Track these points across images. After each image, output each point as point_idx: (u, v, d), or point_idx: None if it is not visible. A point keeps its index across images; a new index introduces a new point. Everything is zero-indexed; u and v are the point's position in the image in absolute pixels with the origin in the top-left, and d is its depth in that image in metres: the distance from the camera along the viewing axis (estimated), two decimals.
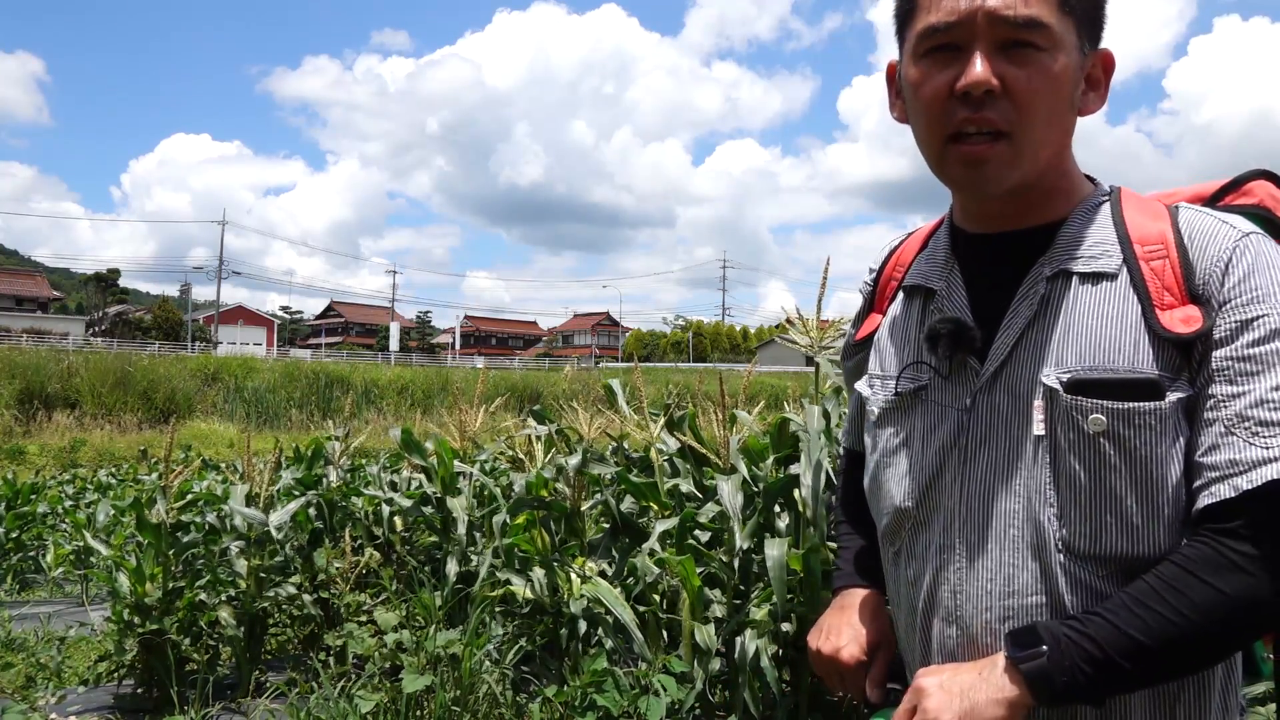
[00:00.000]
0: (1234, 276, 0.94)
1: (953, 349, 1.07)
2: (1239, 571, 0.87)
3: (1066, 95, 0.99)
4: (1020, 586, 1.00)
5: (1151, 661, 0.89)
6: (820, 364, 2.95)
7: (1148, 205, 1.04)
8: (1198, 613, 0.87)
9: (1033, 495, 0.99)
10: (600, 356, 69.77)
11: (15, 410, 25.71)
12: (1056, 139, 1.02)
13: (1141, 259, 0.98)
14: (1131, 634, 0.88)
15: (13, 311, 58.87)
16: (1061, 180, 1.06)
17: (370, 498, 5.04)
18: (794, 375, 38.18)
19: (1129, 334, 0.97)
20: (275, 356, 48.39)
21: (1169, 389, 0.95)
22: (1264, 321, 0.92)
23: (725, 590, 3.17)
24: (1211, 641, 0.89)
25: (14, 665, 4.46)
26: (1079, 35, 0.99)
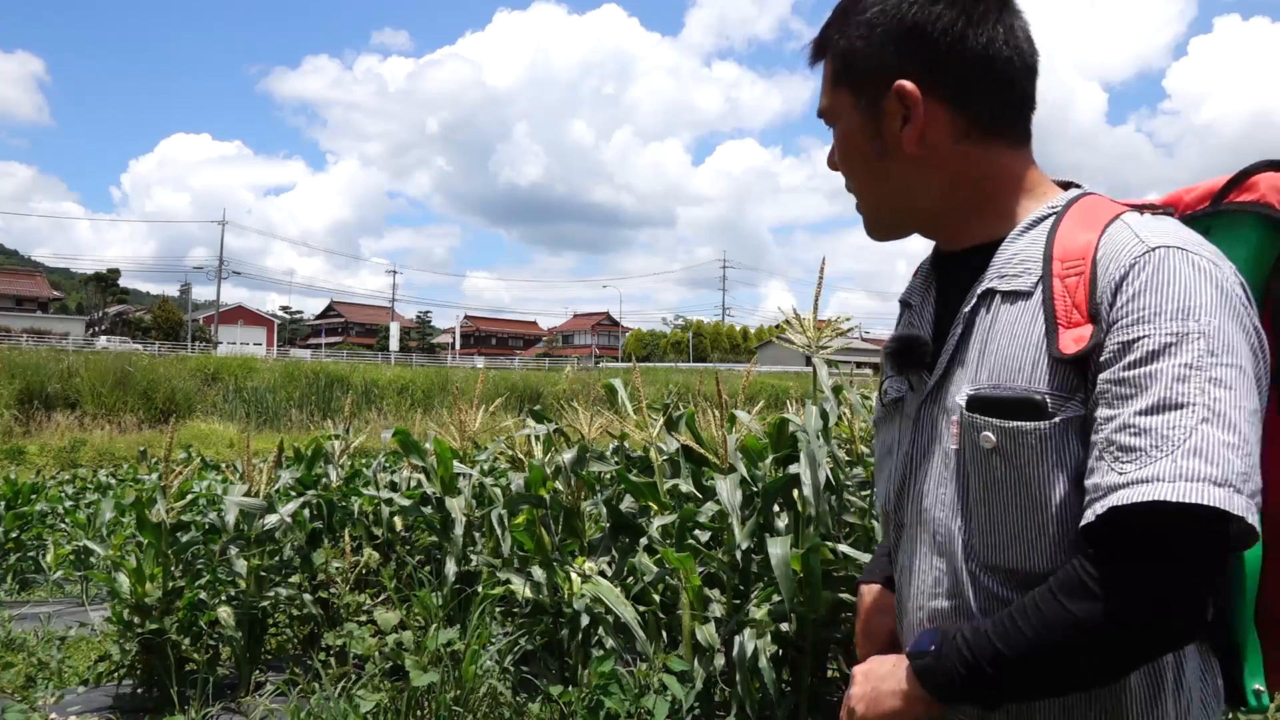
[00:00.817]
0: (1124, 295, 0.92)
1: (898, 365, 1.14)
2: (1086, 596, 0.87)
3: (859, 152, 1.10)
4: (941, 590, 1.05)
5: (1012, 672, 0.91)
6: (817, 364, 2.95)
7: (1092, 217, 1.01)
8: (1049, 631, 0.89)
9: (950, 505, 1.04)
10: (600, 356, 69.79)
11: (15, 410, 25.73)
12: (886, 185, 1.10)
13: (1057, 276, 0.97)
14: (996, 644, 0.92)
15: (13, 311, 58.90)
16: (984, 203, 1.07)
17: (370, 498, 5.04)
18: (794, 375, 38.19)
19: (1030, 352, 0.97)
20: (275, 356, 48.41)
21: (1058, 410, 0.94)
22: (1142, 343, 0.89)
23: (725, 589, 3.17)
24: (1063, 662, 0.89)
25: (14, 665, 4.47)
26: (854, 97, 1.08)
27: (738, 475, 3.13)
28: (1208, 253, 0.94)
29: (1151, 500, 0.84)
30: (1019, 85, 1.05)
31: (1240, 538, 0.87)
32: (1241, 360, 0.89)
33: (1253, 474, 0.86)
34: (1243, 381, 0.88)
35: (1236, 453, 0.85)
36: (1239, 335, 0.90)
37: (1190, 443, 0.85)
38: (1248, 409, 0.87)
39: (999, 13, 1.04)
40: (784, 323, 2.92)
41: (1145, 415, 0.87)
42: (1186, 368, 0.87)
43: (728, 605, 3.13)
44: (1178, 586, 0.85)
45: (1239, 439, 0.85)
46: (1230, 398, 0.86)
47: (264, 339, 68.64)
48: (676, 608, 3.26)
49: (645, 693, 2.88)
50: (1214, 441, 0.84)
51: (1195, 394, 0.86)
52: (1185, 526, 0.84)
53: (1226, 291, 0.91)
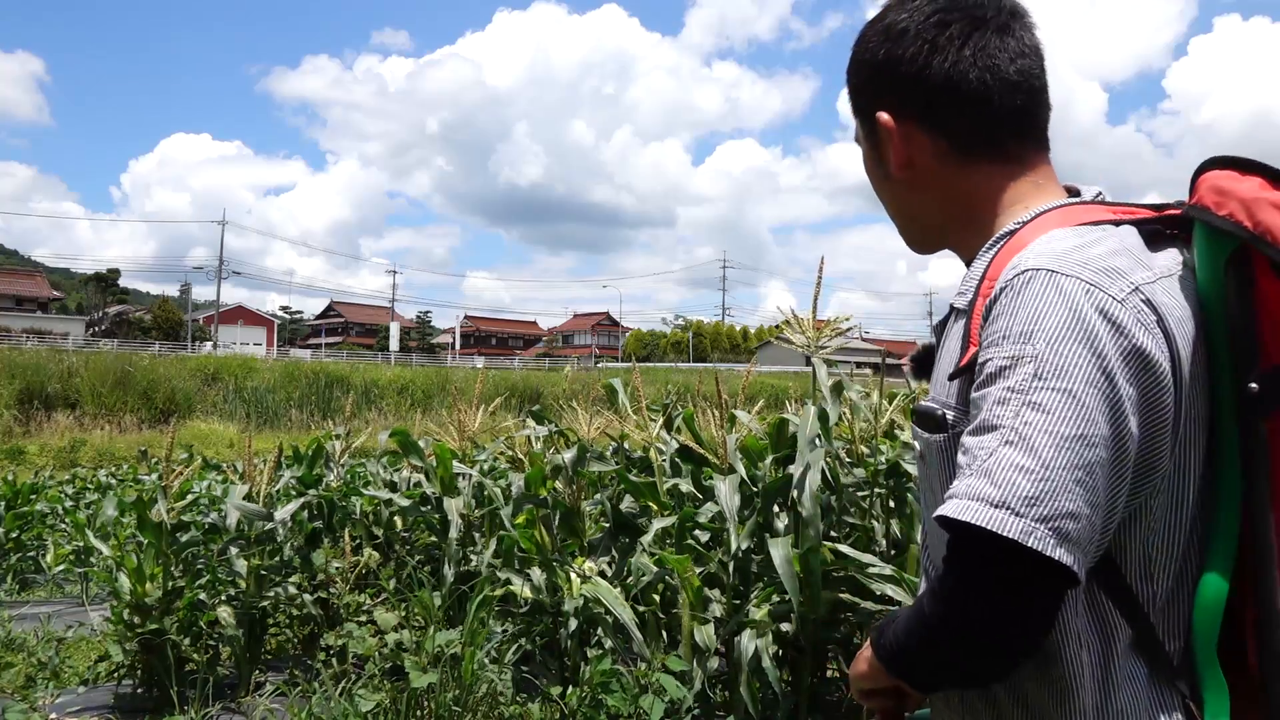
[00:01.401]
0: (990, 316, 0.94)
1: (915, 374, 1.20)
2: (933, 597, 0.93)
3: (872, 175, 1.19)
4: (921, 586, 1.14)
5: (908, 655, 0.98)
6: (817, 364, 2.95)
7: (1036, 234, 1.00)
8: (918, 624, 0.96)
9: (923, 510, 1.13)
10: (600, 356, 69.78)
11: (15, 410, 25.73)
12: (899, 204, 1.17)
13: (982, 295, 0.99)
14: (898, 628, 1.00)
15: (13, 311, 58.87)
16: (967, 223, 1.12)
17: (370, 498, 5.04)
18: (794, 375, 38.18)
19: (950, 368, 1.02)
20: (275, 356, 48.41)
21: (958, 423, 0.98)
22: (986, 366, 0.92)
23: (725, 590, 3.17)
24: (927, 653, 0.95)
25: (14, 665, 4.47)
26: (860, 126, 1.17)
27: (737, 477, 3.13)
28: (1089, 274, 0.92)
29: (940, 515, 0.88)
30: (996, 103, 1.06)
31: (1049, 569, 0.84)
32: (1073, 385, 0.87)
33: (1049, 499, 0.84)
34: (1066, 406, 0.86)
35: (1028, 476, 0.84)
36: (1082, 359, 0.88)
37: (985, 464, 0.87)
38: (1062, 434, 0.86)
39: (968, 36, 1.06)
40: (784, 323, 2.92)
41: (970, 435, 0.91)
42: (1009, 391, 0.88)
43: (727, 606, 3.13)
44: (980, 602, 0.88)
45: (1036, 463, 0.85)
46: (1042, 421, 0.86)
47: (264, 339, 68.62)
48: (676, 608, 3.26)
49: (644, 693, 2.88)
50: (1006, 464, 0.86)
51: (1008, 417, 0.87)
52: (970, 546, 0.87)
53: (1081, 314, 0.89)
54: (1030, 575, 0.86)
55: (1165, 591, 0.95)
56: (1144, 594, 0.95)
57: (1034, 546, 0.83)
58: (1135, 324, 0.90)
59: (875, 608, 2.87)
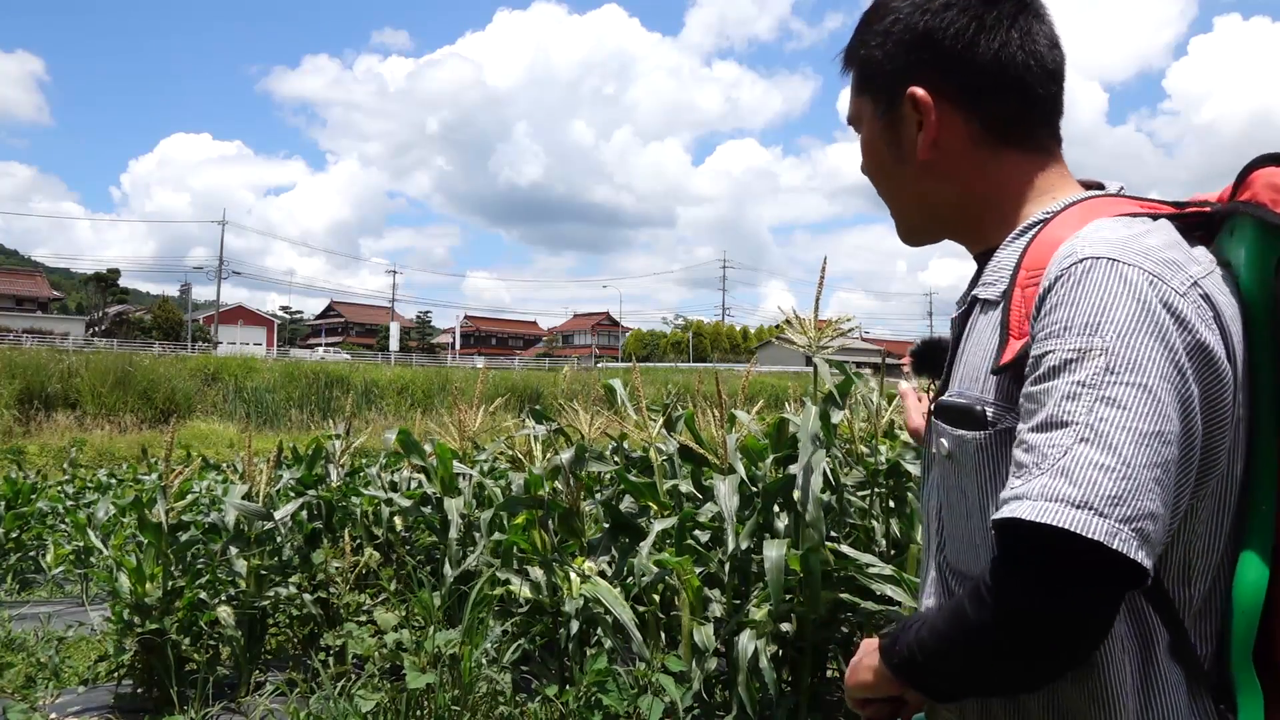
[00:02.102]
0: (1046, 306, 0.90)
1: (915, 369, 1.18)
2: (980, 601, 0.87)
3: (878, 159, 1.13)
4: (930, 590, 1.09)
5: (935, 663, 0.94)
6: (818, 364, 2.95)
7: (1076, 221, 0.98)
8: (956, 630, 0.91)
9: (933, 510, 1.08)
10: (600, 356, 69.77)
11: (15, 410, 25.72)
12: (909, 190, 1.12)
13: (1019, 285, 0.96)
14: (925, 635, 0.94)
15: (13, 311, 58.84)
16: (987, 211, 1.08)
17: (370, 498, 5.04)
18: (794, 375, 38.18)
19: (985, 363, 0.98)
20: (275, 356, 48.41)
21: (999, 420, 0.94)
22: (1047, 359, 0.87)
23: (724, 590, 3.17)
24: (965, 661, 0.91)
25: (14, 665, 4.47)
26: (875, 104, 1.11)
27: (736, 478, 3.13)
28: (1149, 264, 0.89)
29: (1012, 518, 0.83)
30: (1035, 90, 1.04)
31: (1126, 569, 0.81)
32: (1147, 379, 0.84)
33: (1130, 499, 0.81)
34: (1143, 402, 0.83)
35: (1109, 475, 0.81)
36: (1154, 353, 0.85)
37: (1061, 462, 0.83)
38: (1141, 430, 0.82)
39: (1015, 17, 1.03)
40: (784, 323, 2.92)
41: (1035, 432, 0.86)
42: (1079, 385, 0.84)
43: (727, 606, 3.13)
44: (1044, 605, 0.83)
45: (1117, 461, 0.81)
46: (1119, 418, 0.83)
47: (264, 339, 68.61)
48: (676, 608, 3.26)
49: (643, 693, 2.88)
50: (1085, 462, 0.82)
51: (1081, 413, 0.84)
52: (1042, 546, 0.82)
53: (1149, 306, 0.86)
54: (1104, 577, 0.82)
55: (1200, 596, 0.94)
56: (1180, 598, 0.93)
57: (1118, 549, 0.80)
58: (1197, 318, 0.88)
59: (875, 608, 2.87)
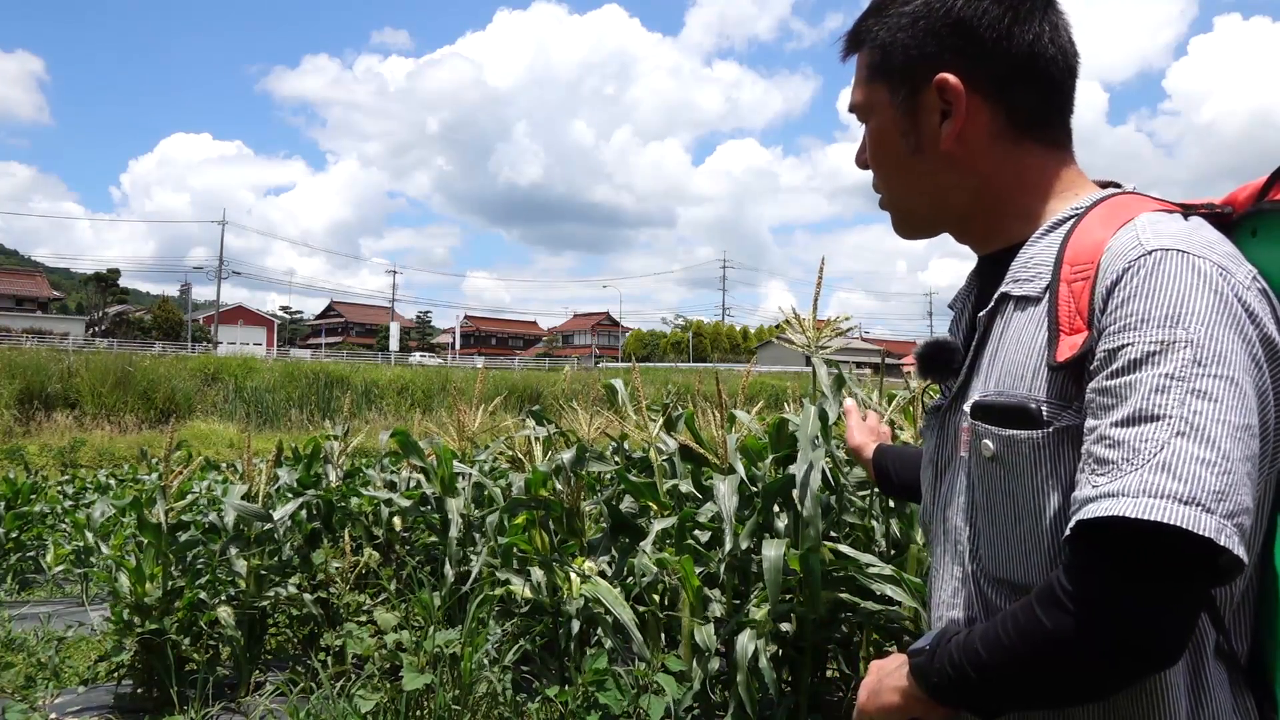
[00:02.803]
0: (1116, 299, 0.88)
1: (923, 371, 1.13)
2: (1059, 607, 0.84)
3: (892, 149, 1.08)
4: (959, 601, 1.04)
5: (992, 679, 0.89)
6: (816, 364, 2.95)
7: (1114, 217, 0.97)
8: (1024, 640, 0.86)
9: (964, 514, 1.03)
10: (600, 356, 69.76)
11: (15, 410, 25.72)
12: (919, 184, 1.08)
13: (1064, 281, 0.94)
14: (978, 647, 0.90)
15: (13, 311, 58.83)
16: (1008, 205, 1.05)
17: (369, 498, 5.04)
18: (794, 375, 38.17)
19: (1032, 360, 0.95)
20: (275, 356, 48.40)
21: (1054, 418, 0.92)
22: (1125, 352, 0.85)
23: (724, 590, 3.17)
24: (1036, 672, 0.87)
25: (14, 665, 4.47)
26: (891, 91, 1.07)
27: (736, 478, 3.13)
28: (1216, 256, 0.89)
29: (1113, 515, 0.80)
30: (1060, 85, 1.03)
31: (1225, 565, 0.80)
32: (1233, 372, 0.83)
33: (1232, 493, 0.79)
34: (1232, 394, 0.82)
35: (1212, 470, 0.79)
36: (1236, 345, 0.84)
37: (1160, 457, 0.80)
38: (1234, 424, 0.81)
39: (1045, 10, 1.02)
40: (784, 323, 2.92)
41: (1120, 427, 0.83)
42: (1167, 378, 0.82)
43: (727, 606, 3.13)
44: (1145, 605, 0.81)
45: (1217, 455, 0.80)
46: (1213, 411, 0.81)
47: (264, 339, 68.61)
48: (676, 607, 3.26)
49: (644, 693, 2.88)
50: (1186, 456, 0.80)
51: (1173, 406, 0.82)
52: (1148, 544, 0.80)
53: (1226, 298, 0.86)
54: (1203, 573, 0.81)
55: (1239, 593, 0.93)
56: (1222, 596, 0.92)
57: (1225, 545, 0.78)
58: (1264, 312, 0.88)
59: (875, 608, 2.87)
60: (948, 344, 1.10)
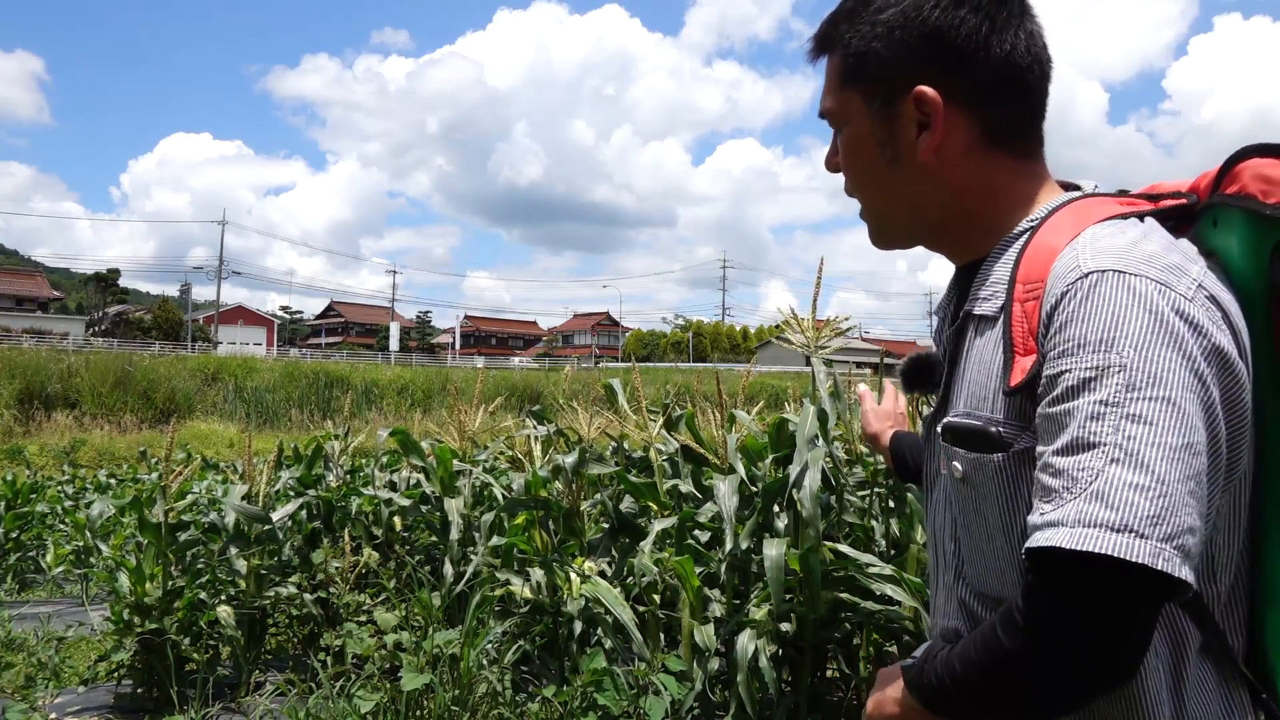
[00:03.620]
0: (1055, 323, 0.88)
1: (906, 386, 1.14)
2: (1014, 628, 0.86)
3: (866, 159, 1.06)
4: (950, 611, 1.06)
5: (963, 693, 0.92)
6: (815, 364, 2.95)
7: (1063, 230, 0.95)
8: (987, 657, 0.89)
9: (949, 530, 1.05)
10: (600, 356, 69.77)
11: (15, 410, 25.72)
12: (894, 194, 1.06)
13: (1018, 300, 0.94)
14: (954, 662, 0.92)
15: (13, 311, 58.82)
16: (975, 218, 1.04)
17: (369, 498, 5.04)
18: (794, 375, 38.17)
19: (992, 382, 0.95)
20: (275, 356, 48.40)
21: (1014, 440, 0.92)
22: (1064, 379, 0.85)
23: (724, 590, 3.17)
24: (998, 689, 0.89)
25: (14, 665, 4.47)
26: (866, 99, 1.04)
27: (736, 478, 3.13)
28: (1154, 272, 0.87)
29: (1049, 546, 0.81)
30: (1035, 93, 1.02)
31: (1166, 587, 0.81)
32: (1170, 392, 0.82)
33: (1169, 516, 0.80)
34: (1169, 415, 0.82)
35: (1145, 495, 0.80)
36: (1173, 364, 0.83)
37: (1095, 486, 0.81)
38: (1170, 445, 0.81)
39: (1020, 18, 1.00)
40: (783, 323, 2.92)
41: (1060, 455, 0.84)
42: (1102, 404, 0.83)
43: (727, 606, 3.13)
44: (1088, 631, 0.82)
45: (1151, 480, 0.80)
46: (1147, 435, 0.81)
47: (264, 339, 68.61)
48: (676, 608, 3.26)
49: (643, 693, 2.88)
50: (1119, 483, 0.80)
51: (1108, 433, 0.82)
52: (1085, 573, 0.81)
53: (1162, 316, 0.85)
54: (1145, 596, 0.82)
55: (1226, 588, 0.94)
56: (1208, 594, 0.93)
57: (1162, 569, 0.78)
58: (1208, 321, 0.87)
59: (875, 608, 2.87)
60: (929, 358, 1.11)
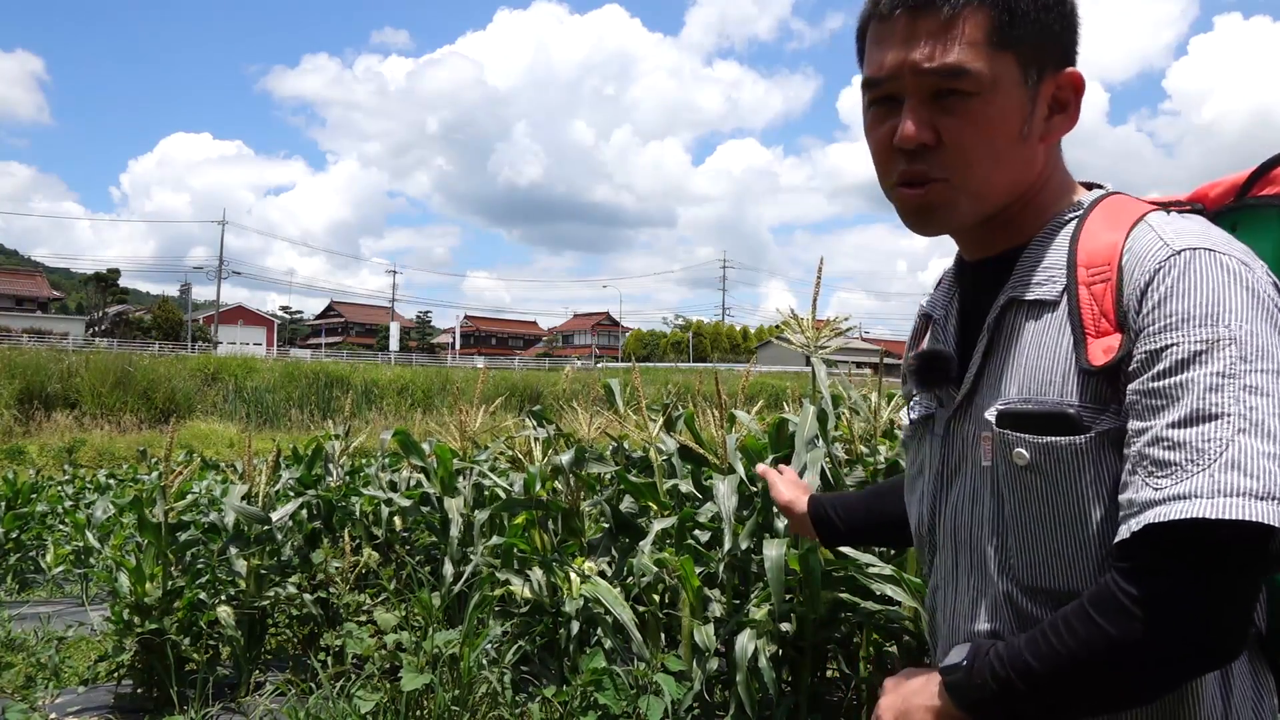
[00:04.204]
0: (1150, 301, 0.88)
1: (921, 383, 1.10)
2: (1123, 614, 0.84)
3: (1007, 134, 0.97)
4: (979, 613, 1.02)
5: (1043, 688, 0.88)
6: (816, 364, 2.95)
7: (1117, 218, 0.97)
8: (1082, 647, 0.86)
9: (986, 525, 1.01)
10: (600, 356, 69.77)
11: (15, 410, 25.72)
12: (1007, 174, 0.99)
13: (1083, 284, 0.94)
14: (1027, 658, 0.89)
15: (13, 311, 58.81)
16: (1031, 204, 1.03)
17: (369, 498, 5.04)
18: (794, 375, 38.16)
19: (1059, 365, 0.94)
20: (275, 356, 48.40)
21: (1093, 423, 0.91)
22: (1171, 352, 0.85)
23: (724, 590, 3.17)
24: (1097, 679, 0.86)
25: (14, 665, 4.47)
26: (1022, 68, 0.97)
27: (736, 477, 3.13)
28: (1238, 253, 0.90)
29: (1190, 518, 0.80)
30: None
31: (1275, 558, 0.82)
32: (1277, 365, 0.84)
33: None
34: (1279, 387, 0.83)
35: (1278, 463, 0.80)
36: (1274, 339, 0.85)
37: (1227, 455, 0.81)
38: None
39: None
40: (783, 322, 2.92)
41: (1178, 428, 0.84)
42: (1219, 376, 0.83)
43: (727, 606, 3.13)
44: (1218, 604, 0.82)
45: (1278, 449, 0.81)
46: (1268, 405, 0.82)
47: (264, 339, 68.60)
48: (676, 608, 3.26)
49: (643, 693, 2.88)
50: (1253, 453, 0.80)
51: (1230, 403, 0.82)
52: (1225, 543, 0.80)
53: (1258, 293, 0.87)
54: (1260, 566, 0.83)
55: None
56: None
57: None
58: None
59: (875, 608, 2.87)
60: (941, 353, 1.08)
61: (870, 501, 1.47)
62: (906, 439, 1.18)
